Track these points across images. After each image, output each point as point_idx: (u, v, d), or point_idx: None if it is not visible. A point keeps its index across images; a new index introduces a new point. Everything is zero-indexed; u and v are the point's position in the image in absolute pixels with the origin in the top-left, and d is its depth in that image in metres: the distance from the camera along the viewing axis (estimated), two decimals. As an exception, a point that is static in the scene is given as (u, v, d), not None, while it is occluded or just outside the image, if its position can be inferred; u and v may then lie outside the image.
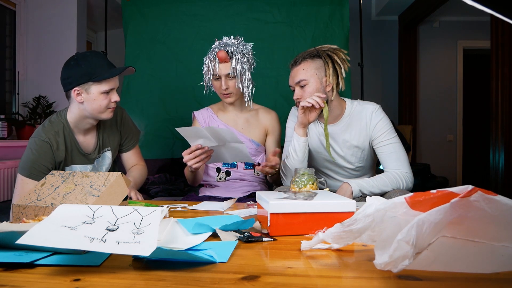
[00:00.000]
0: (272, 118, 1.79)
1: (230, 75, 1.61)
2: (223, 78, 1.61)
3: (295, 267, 0.60)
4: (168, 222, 0.82)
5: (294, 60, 1.51)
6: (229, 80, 1.62)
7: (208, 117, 1.78)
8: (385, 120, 1.50)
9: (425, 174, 3.95)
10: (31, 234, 0.60)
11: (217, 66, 1.60)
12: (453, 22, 4.93)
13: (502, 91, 3.16)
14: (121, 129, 1.64)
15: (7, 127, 2.97)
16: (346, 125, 1.53)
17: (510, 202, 0.46)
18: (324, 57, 1.48)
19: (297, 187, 1.17)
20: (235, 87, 1.63)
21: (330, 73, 1.46)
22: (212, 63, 1.61)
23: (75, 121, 1.48)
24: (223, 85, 1.61)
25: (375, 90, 4.87)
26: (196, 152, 1.36)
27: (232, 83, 1.62)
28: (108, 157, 1.61)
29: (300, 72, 1.47)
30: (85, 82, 1.38)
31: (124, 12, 2.85)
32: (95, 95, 1.39)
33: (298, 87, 1.48)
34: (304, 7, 2.76)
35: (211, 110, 1.80)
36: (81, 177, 1.02)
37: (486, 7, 0.48)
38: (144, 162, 1.76)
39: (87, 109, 1.42)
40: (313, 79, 1.46)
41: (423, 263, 0.52)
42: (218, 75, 1.61)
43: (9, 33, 3.48)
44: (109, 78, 1.39)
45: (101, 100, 1.40)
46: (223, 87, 1.62)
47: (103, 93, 1.39)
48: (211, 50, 1.64)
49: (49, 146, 1.41)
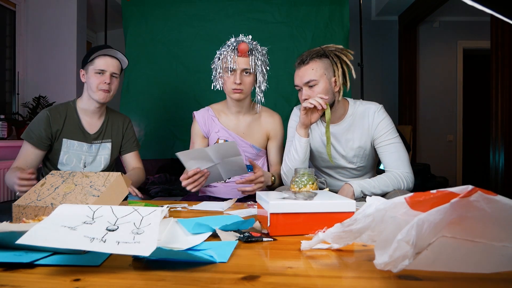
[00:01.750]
0: (274, 122, 1.73)
1: (247, 71, 1.56)
2: (238, 72, 1.55)
3: (295, 267, 0.60)
4: (168, 222, 0.82)
5: (300, 59, 1.47)
6: (244, 75, 1.57)
7: (209, 120, 1.72)
8: (387, 120, 1.50)
9: (425, 174, 3.95)
10: (31, 234, 0.60)
11: (235, 59, 1.54)
12: (453, 22, 4.93)
13: (502, 91, 3.16)
14: (124, 132, 1.81)
15: (7, 127, 2.96)
16: (349, 125, 1.53)
17: (510, 202, 0.46)
18: (332, 57, 1.46)
19: (297, 187, 1.17)
20: (248, 84, 1.59)
21: (340, 73, 1.45)
22: (230, 55, 1.55)
23: (83, 101, 1.69)
24: (237, 79, 1.54)
25: (375, 90, 4.87)
26: (195, 176, 1.35)
27: (246, 80, 1.57)
28: (107, 147, 1.74)
29: (309, 71, 1.43)
30: (85, 64, 1.64)
31: (124, 12, 2.85)
32: (90, 74, 1.62)
33: (306, 87, 1.45)
34: (304, 7, 2.76)
35: (212, 112, 1.73)
36: (81, 177, 1.02)
37: (486, 7, 0.48)
38: (142, 166, 1.85)
39: (87, 89, 1.66)
40: (323, 79, 1.44)
41: (423, 263, 0.52)
42: (233, 69, 1.55)
43: (9, 33, 3.48)
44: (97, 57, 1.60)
45: (94, 79, 1.61)
46: (236, 81, 1.55)
47: (96, 73, 1.61)
48: (226, 44, 1.59)
49: (48, 117, 1.62)
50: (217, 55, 1.63)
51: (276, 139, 1.73)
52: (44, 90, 3.46)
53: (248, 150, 1.68)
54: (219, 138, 1.69)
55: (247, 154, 1.68)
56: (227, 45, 1.59)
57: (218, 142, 1.68)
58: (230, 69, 1.56)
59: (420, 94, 4.93)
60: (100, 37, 4.77)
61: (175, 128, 2.73)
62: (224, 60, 1.58)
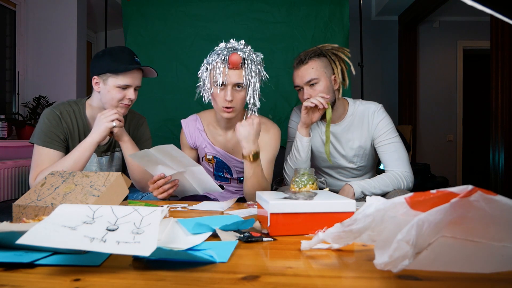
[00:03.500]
0: (269, 137, 1.49)
1: (239, 86, 1.35)
2: (229, 87, 1.33)
3: (295, 267, 0.60)
4: (168, 222, 0.82)
5: (298, 59, 1.47)
6: (235, 91, 1.35)
7: (196, 132, 1.56)
8: (386, 120, 1.51)
9: (425, 174, 3.95)
10: (31, 234, 0.60)
11: (226, 72, 1.32)
12: (453, 22, 4.93)
13: (502, 91, 3.16)
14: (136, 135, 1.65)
15: (7, 127, 2.97)
16: (349, 125, 1.54)
17: (510, 202, 0.46)
18: (330, 56, 1.48)
19: (297, 187, 1.17)
20: (240, 100, 1.37)
21: (339, 71, 1.47)
22: (219, 67, 1.33)
23: (94, 110, 1.51)
24: (228, 95, 1.33)
25: (375, 90, 4.87)
26: (158, 182, 1.26)
27: (238, 96, 1.36)
28: (118, 157, 1.61)
29: (310, 71, 1.44)
30: (103, 73, 1.42)
31: (124, 12, 2.85)
32: (110, 87, 1.42)
33: (307, 86, 1.45)
34: (304, 7, 2.76)
35: (199, 124, 1.55)
36: (81, 177, 1.02)
37: (486, 7, 0.48)
38: None
39: (102, 99, 1.46)
40: (323, 78, 1.45)
41: (423, 263, 0.52)
42: (224, 83, 1.34)
43: (9, 33, 3.48)
44: (124, 72, 1.40)
45: (115, 94, 1.42)
46: (227, 98, 1.33)
47: (118, 87, 1.41)
48: (215, 52, 1.37)
49: (59, 117, 1.45)
50: (204, 64, 1.41)
51: (266, 152, 1.48)
52: (44, 90, 3.46)
53: (238, 165, 1.57)
54: (207, 154, 1.57)
55: (237, 169, 1.59)
56: (216, 53, 1.36)
57: (206, 156, 1.57)
58: (220, 84, 1.33)
59: (420, 94, 4.93)
60: (100, 37, 4.77)
61: (175, 128, 2.73)
62: (213, 72, 1.35)
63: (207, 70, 1.39)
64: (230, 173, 1.60)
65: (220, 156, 1.56)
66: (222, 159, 1.56)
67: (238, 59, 1.31)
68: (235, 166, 1.58)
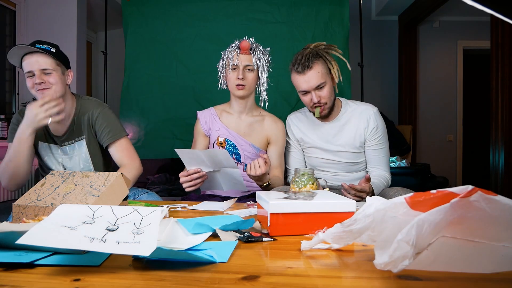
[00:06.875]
0: (277, 128, 1.72)
1: (249, 68, 1.61)
2: (240, 68, 1.59)
3: (295, 267, 0.60)
4: (168, 222, 0.82)
5: (301, 65, 1.47)
6: (246, 72, 1.61)
7: (210, 118, 1.74)
8: (380, 126, 1.59)
9: (425, 174, 3.94)
10: (31, 234, 0.60)
11: (237, 56, 1.60)
12: (453, 22, 4.93)
13: (502, 91, 3.16)
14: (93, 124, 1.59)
15: (7, 127, 2.97)
16: (343, 124, 1.60)
17: (510, 202, 0.46)
18: (325, 56, 1.52)
19: (297, 187, 1.17)
20: (251, 80, 1.62)
21: (335, 71, 1.52)
22: (232, 54, 1.61)
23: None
24: (240, 74, 1.59)
25: (375, 90, 4.87)
26: (193, 175, 1.38)
27: (249, 76, 1.62)
28: (83, 145, 1.60)
29: (316, 75, 1.48)
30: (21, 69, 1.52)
31: (124, 12, 2.85)
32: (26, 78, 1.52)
33: (315, 90, 1.49)
34: (304, 7, 2.76)
35: (214, 112, 1.75)
36: (81, 177, 1.02)
37: (486, 7, 0.48)
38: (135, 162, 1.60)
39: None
40: (328, 80, 1.51)
41: (423, 263, 0.52)
42: (236, 66, 1.60)
43: (9, 33, 3.48)
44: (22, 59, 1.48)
45: (28, 82, 1.50)
46: (239, 76, 1.59)
47: (28, 77, 1.49)
48: (230, 46, 1.65)
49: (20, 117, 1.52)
50: (222, 57, 1.68)
51: (277, 145, 1.72)
52: (44, 90, 3.46)
53: (247, 149, 1.69)
54: (219, 136, 1.70)
55: (246, 153, 1.69)
56: (230, 46, 1.65)
57: (218, 139, 1.70)
58: (233, 66, 1.61)
59: (420, 94, 4.93)
60: (100, 37, 4.77)
61: (175, 128, 2.73)
62: (227, 58, 1.63)
63: (223, 60, 1.66)
64: (238, 159, 1.70)
65: (231, 139, 1.69)
66: (233, 142, 1.69)
67: (247, 44, 1.60)
68: (244, 150, 1.69)
